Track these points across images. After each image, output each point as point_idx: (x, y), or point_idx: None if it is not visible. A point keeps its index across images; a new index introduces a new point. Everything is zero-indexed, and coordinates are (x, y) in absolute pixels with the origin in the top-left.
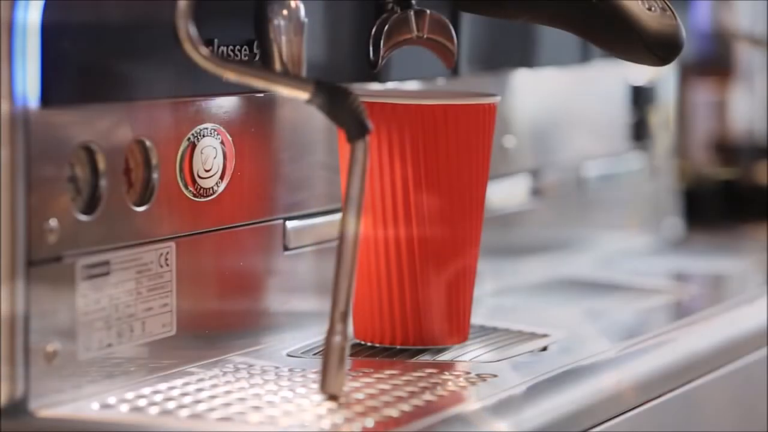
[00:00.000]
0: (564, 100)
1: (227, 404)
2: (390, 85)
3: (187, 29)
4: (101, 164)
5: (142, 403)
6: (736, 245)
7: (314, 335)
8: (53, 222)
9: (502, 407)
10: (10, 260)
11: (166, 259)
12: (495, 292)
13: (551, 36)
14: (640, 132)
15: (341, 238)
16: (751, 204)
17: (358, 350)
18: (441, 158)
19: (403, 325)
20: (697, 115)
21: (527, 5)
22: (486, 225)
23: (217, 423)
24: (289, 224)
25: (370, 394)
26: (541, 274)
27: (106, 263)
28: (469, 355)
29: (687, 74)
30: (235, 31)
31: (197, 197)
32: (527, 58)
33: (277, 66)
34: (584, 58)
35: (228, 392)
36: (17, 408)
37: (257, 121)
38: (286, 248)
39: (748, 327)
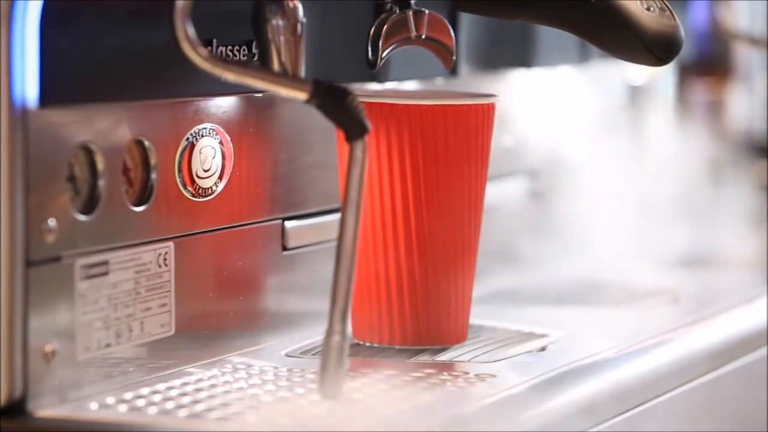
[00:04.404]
0: (563, 100)
1: (226, 404)
2: (389, 85)
3: (186, 29)
4: (100, 164)
5: (140, 403)
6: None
7: (313, 335)
8: (52, 222)
9: (501, 407)
10: (8, 260)
11: (165, 259)
12: (494, 292)
13: (550, 36)
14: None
15: (340, 238)
16: None
17: (357, 350)
18: (440, 158)
19: (402, 325)
20: (696, 115)
21: (526, 5)
22: (485, 225)
23: (215, 423)
24: (288, 224)
25: (369, 394)
26: (540, 274)
27: (105, 263)
28: (467, 355)
29: (686, 74)
30: (233, 31)
31: (196, 197)
32: (526, 58)
33: (276, 66)
34: (583, 58)
35: (226, 392)
36: (16, 408)
37: (256, 121)
38: (284, 248)
39: (748, 327)
